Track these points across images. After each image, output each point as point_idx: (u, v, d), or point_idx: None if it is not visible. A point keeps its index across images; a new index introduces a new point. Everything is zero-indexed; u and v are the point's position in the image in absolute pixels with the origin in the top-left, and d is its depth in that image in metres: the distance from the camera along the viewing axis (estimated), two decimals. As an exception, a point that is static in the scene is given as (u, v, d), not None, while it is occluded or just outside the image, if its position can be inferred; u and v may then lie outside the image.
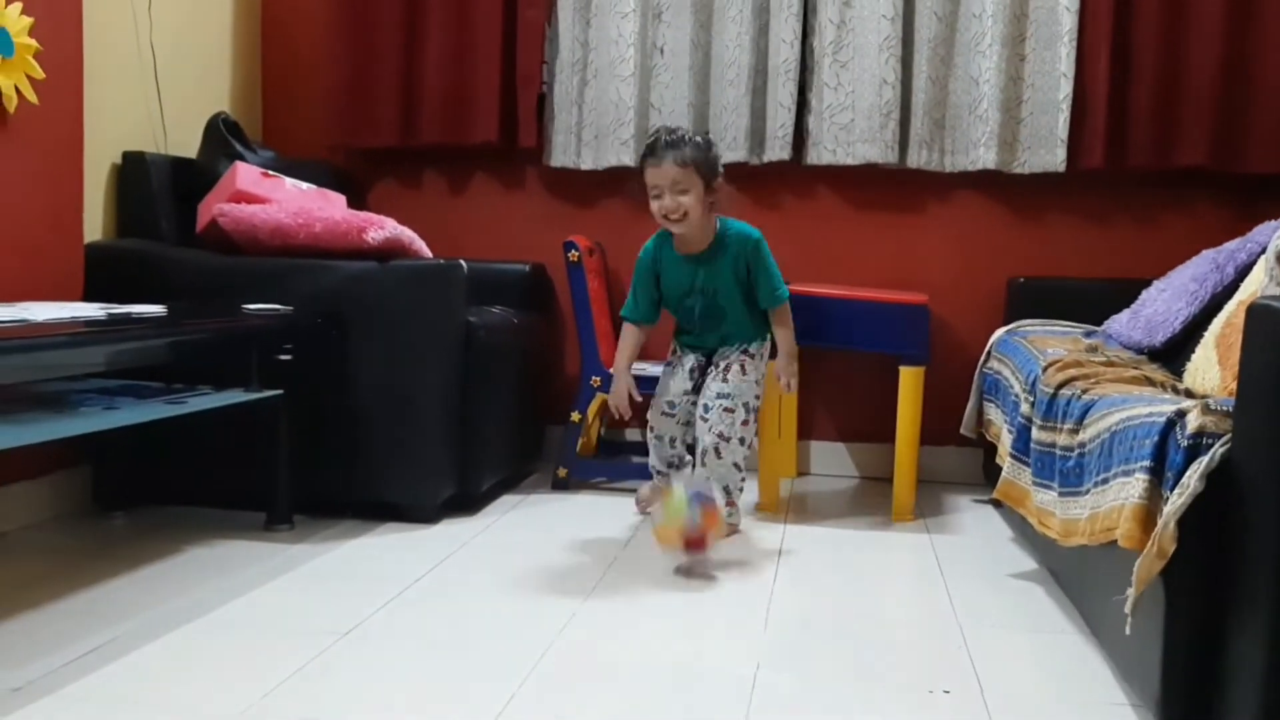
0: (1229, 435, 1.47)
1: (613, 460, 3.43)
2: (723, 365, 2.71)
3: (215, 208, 2.75)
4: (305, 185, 2.94)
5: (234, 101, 3.45)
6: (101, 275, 2.67)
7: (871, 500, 3.11)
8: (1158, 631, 1.54)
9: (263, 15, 3.62)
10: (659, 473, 2.81)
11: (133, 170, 2.88)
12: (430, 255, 2.80)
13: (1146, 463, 1.56)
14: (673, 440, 2.76)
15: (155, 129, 3.02)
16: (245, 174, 2.81)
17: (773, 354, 2.79)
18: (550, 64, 3.43)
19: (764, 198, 3.41)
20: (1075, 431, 1.98)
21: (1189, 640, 1.50)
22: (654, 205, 2.62)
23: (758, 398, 2.71)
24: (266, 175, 2.86)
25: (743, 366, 2.69)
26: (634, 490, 3.11)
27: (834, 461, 3.47)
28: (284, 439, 2.58)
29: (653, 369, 3.28)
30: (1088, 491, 1.84)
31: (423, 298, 2.64)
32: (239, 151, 3.03)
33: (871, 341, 2.97)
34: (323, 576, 2.27)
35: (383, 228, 2.67)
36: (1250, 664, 1.40)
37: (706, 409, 2.66)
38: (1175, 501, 1.46)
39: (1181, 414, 1.55)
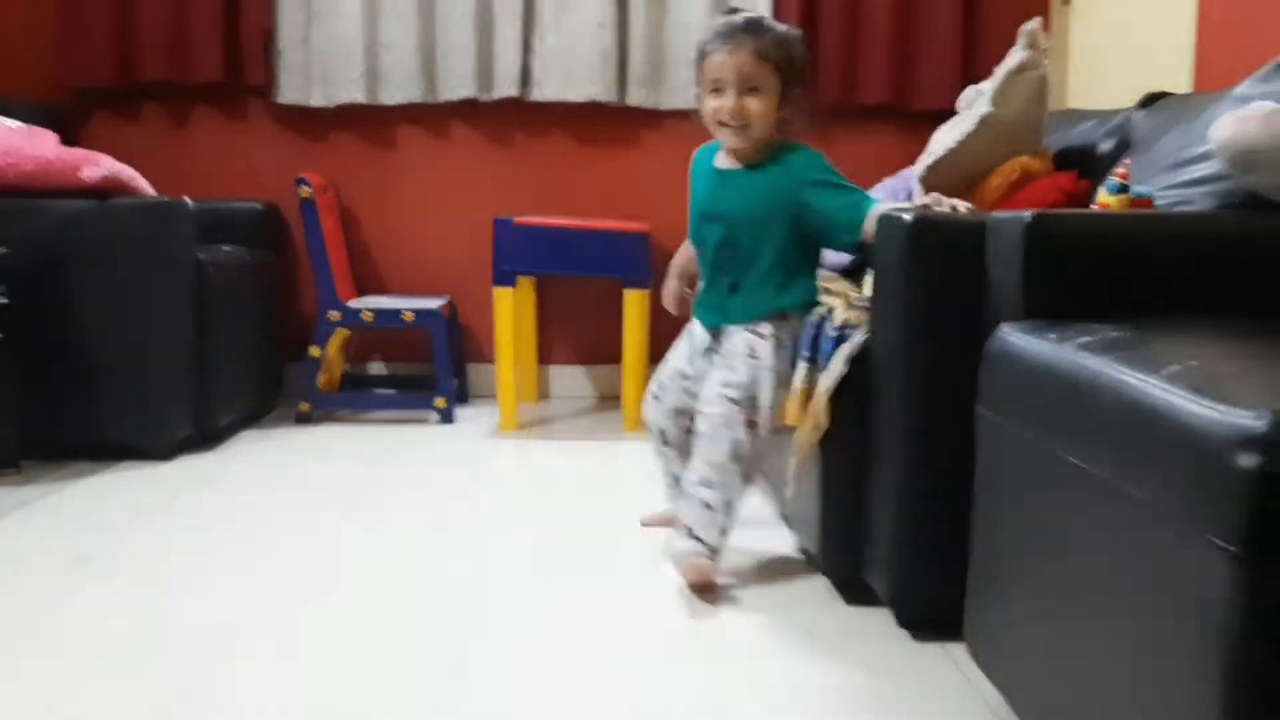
0: (867, 326, 1.75)
1: (356, 393, 3.51)
2: (725, 347, 1.97)
3: (-90, 146, 2.61)
4: (12, 122, 2.82)
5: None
6: None
7: (607, 416, 3.34)
8: (817, 495, 1.82)
9: (-48, -59, 3.40)
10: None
11: None
12: (154, 193, 2.77)
13: (806, 353, 1.83)
14: (663, 434, 2.08)
15: None
16: (-58, 111, 2.68)
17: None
18: (274, 1, 3.41)
19: (494, 134, 3.54)
20: (764, 336, 2.25)
21: (839, 498, 1.79)
22: (709, 105, 1.93)
23: (770, 399, 1.91)
24: (-34, 112, 2.74)
25: (751, 349, 1.93)
26: (382, 420, 3.22)
27: (573, 385, 3.67)
28: (4, 382, 2.52)
29: (402, 301, 3.36)
30: (772, 387, 2.12)
31: (146, 236, 2.63)
32: (-67, 87, 2.87)
33: (598, 268, 3.17)
34: (50, 512, 2.27)
35: (99, 164, 2.63)
36: (882, 512, 1.69)
37: (707, 404, 1.92)
38: (824, 382, 1.74)
39: (831, 310, 1.82)
